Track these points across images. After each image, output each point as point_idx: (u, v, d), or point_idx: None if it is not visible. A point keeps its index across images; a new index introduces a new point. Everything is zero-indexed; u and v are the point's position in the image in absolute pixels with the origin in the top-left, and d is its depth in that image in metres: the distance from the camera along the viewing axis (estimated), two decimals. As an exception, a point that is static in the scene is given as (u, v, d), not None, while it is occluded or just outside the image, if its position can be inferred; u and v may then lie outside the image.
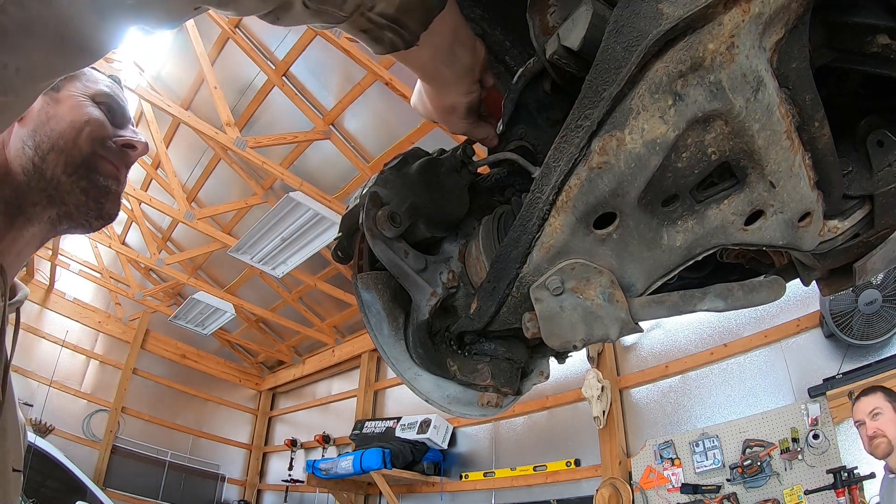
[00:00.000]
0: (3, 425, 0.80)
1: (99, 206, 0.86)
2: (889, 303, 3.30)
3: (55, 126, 0.83)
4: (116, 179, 0.89)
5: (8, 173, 0.81)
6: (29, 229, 0.85)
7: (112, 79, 0.97)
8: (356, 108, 5.36)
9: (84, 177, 0.84)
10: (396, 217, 0.68)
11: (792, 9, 0.52)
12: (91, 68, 0.94)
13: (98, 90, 0.90)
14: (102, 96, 0.90)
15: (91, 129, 0.85)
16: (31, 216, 0.84)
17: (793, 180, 0.59)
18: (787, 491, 3.42)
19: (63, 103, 0.86)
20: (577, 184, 0.55)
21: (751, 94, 0.51)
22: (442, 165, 0.76)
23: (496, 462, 5.56)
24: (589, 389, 4.64)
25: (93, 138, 0.85)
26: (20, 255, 0.86)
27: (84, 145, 0.84)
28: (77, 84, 0.89)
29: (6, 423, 0.81)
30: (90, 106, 0.87)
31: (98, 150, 0.86)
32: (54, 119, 0.84)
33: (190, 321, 7.66)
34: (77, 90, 0.88)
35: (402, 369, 0.69)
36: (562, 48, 0.64)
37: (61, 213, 0.85)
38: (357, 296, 0.71)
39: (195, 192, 7.11)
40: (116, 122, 0.91)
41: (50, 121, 0.83)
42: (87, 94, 0.88)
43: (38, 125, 0.83)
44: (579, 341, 0.61)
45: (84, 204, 0.84)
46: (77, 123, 0.84)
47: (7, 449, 0.82)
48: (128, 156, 0.91)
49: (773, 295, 0.63)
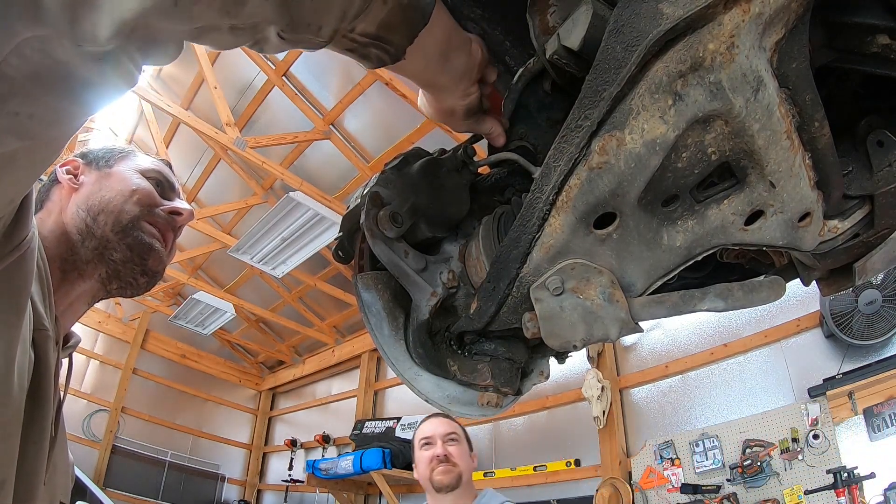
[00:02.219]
0: (54, 461, 0.83)
1: (143, 261, 0.93)
2: (889, 303, 3.30)
3: (106, 194, 0.94)
4: (161, 240, 0.97)
5: (64, 233, 0.90)
6: (81, 285, 0.93)
7: (163, 162, 1.07)
8: (356, 108, 5.35)
9: (129, 234, 0.92)
10: (398, 217, 0.68)
11: (792, 9, 0.52)
12: (142, 153, 1.06)
13: (148, 167, 1.01)
14: (151, 171, 1.00)
15: (139, 196, 0.95)
16: (83, 272, 0.92)
17: (793, 180, 0.59)
18: (787, 491, 3.42)
19: (114, 177, 0.97)
20: (577, 184, 0.55)
21: (751, 94, 0.52)
22: (443, 165, 0.76)
23: (496, 462, 5.56)
24: (589, 389, 4.64)
25: (141, 205, 0.94)
26: (73, 307, 0.93)
27: (132, 209, 0.94)
28: (129, 162, 1.00)
29: (57, 459, 0.85)
30: (139, 178, 0.98)
31: (145, 215, 0.95)
32: (106, 188, 0.94)
33: (190, 321, 7.66)
34: (128, 166, 0.99)
35: (402, 369, 0.69)
36: (562, 48, 0.64)
37: (110, 270, 0.92)
38: (357, 296, 0.71)
39: (195, 192, 7.11)
40: (165, 195, 1.01)
41: (102, 190, 0.94)
42: (137, 170, 0.99)
43: (91, 193, 0.94)
44: (579, 341, 0.61)
45: (129, 259, 0.92)
46: (126, 192, 0.95)
47: (56, 484, 0.86)
48: (174, 221, 0.99)
49: (773, 295, 0.63)
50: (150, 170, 1.01)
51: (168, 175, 1.04)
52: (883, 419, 3.19)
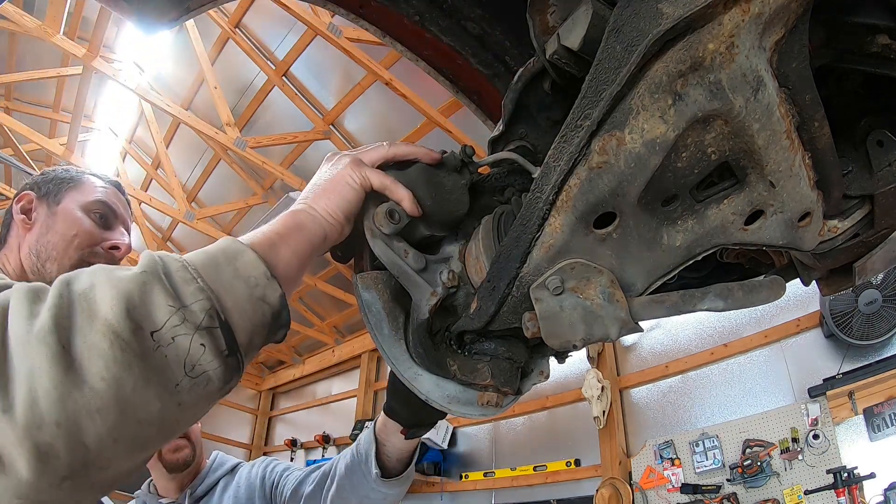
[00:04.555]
0: None
1: None
2: (889, 303, 3.30)
3: (51, 238, 1.02)
4: None
5: (24, 274, 1.00)
6: None
7: (111, 183, 1.15)
8: (356, 108, 5.35)
9: None
10: (395, 214, 0.68)
11: (792, 9, 0.52)
12: (91, 174, 1.14)
13: (92, 200, 1.09)
14: (95, 204, 1.09)
15: (79, 240, 1.04)
16: None
17: (793, 180, 0.59)
18: (787, 491, 3.42)
19: (59, 216, 1.05)
20: (577, 183, 0.55)
21: (751, 93, 0.52)
22: (442, 165, 0.76)
23: (496, 462, 5.56)
24: (589, 389, 4.64)
25: (81, 248, 1.04)
26: None
27: (73, 254, 1.02)
28: (75, 195, 1.08)
29: None
30: (82, 218, 1.06)
31: (86, 257, 1.04)
32: (51, 231, 1.03)
33: (190, 321, 7.65)
34: (74, 202, 1.07)
35: (402, 369, 0.69)
36: (562, 48, 0.64)
37: None
38: (357, 295, 0.71)
39: (195, 192, 7.11)
40: (107, 224, 1.09)
41: (48, 232, 1.03)
42: (81, 206, 1.07)
43: (39, 235, 1.02)
44: (579, 341, 0.61)
45: None
46: (68, 236, 1.03)
47: None
48: (113, 256, 1.09)
49: (773, 295, 0.63)
50: (95, 202, 1.09)
51: (112, 204, 1.12)
52: (883, 419, 3.19)
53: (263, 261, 0.55)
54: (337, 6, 0.99)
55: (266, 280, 0.54)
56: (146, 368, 0.44)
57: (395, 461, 1.13)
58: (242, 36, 5.41)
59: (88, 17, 5.13)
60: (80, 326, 0.44)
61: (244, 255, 0.54)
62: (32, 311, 0.44)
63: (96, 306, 0.45)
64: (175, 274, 0.49)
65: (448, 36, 1.03)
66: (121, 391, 0.43)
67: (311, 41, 4.95)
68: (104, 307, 0.44)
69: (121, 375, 0.43)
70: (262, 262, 0.55)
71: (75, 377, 0.42)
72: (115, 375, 0.43)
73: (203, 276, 0.50)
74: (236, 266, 0.53)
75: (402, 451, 1.11)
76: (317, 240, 0.64)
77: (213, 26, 5.30)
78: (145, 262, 0.49)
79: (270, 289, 0.55)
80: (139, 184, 7.23)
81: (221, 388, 0.50)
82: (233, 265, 0.53)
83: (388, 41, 1.06)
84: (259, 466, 1.61)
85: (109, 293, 0.45)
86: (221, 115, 4.97)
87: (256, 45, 5.49)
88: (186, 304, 0.48)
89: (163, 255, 0.51)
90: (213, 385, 0.49)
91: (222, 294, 0.51)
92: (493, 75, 1.07)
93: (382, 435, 1.11)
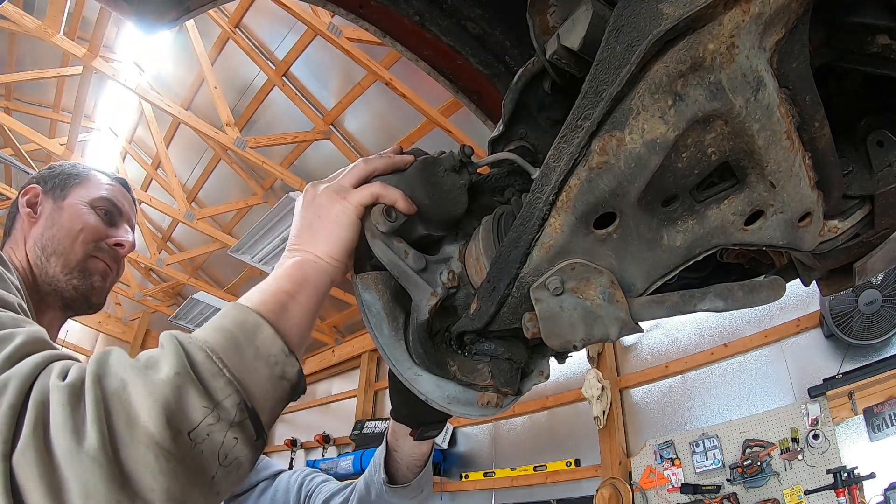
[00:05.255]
0: None
1: (87, 299, 1.05)
2: (889, 303, 3.30)
3: (56, 232, 1.03)
4: (105, 276, 1.07)
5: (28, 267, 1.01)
6: (47, 314, 1.04)
7: (117, 180, 1.15)
8: (356, 108, 5.35)
9: (76, 276, 1.03)
10: (392, 212, 0.68)
11: (792, 9, 0.52)
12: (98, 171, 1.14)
13: (97, 196, 1.09)
14: (100, 201, 1.09)
15: (85, 235, 1.04)
16: (46, 304, 1.03)
17: (793, 180, 0.59)
18: (787, 491, 3.42)
19: (65, 211, 1.05)
20: (577, 184, 0.55)
21: (751, 94, 0.51)
22: (440, 165, 0.76)
23: (496, 462, 5.56)
24: (589, 389, 4.64)
25: (86, 243, 1.04)
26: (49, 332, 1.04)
27: (79, 249, 1.03)
28: (81, 191, 1.08)
29: None
30: (87, 213, 1.06)
31: (91, 251, 1.05)
32: (56, 225, 1.04)
33: (190, 321, 7.66)
34: (79, 197, 1.07)
35: (402, 369, 0.69)
36: (562, 48, 0.64)
37: (63, 303, 1.03)
38: (357, 296, 0.71)
39: (195, 192, 7.11)
40: (112, 221, 1.10)
41: (54, 226, 1.03)
42: (87, 201, 1.07)
43: (45, 229, 1.03)
44: (579, 341, 0.61)
45: (76, 298, 1.03)
46: (74, 231, 1.04)
47: None
48: (117, 253, 1.10)
49: (773, 295, 0.63)
50: (100, 199, 1.09)
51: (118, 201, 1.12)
52: (883, 419, 3.19)
53: (280, 335, 0.57)
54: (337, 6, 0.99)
55: (284, 357, 0.56)
56: (188, 471, 0.47)
57: (405, 468, 1.11)
58: (242, 36, 5.41)
59: (88, 17, 5.13)
60: (123, 437, 0.45)
61: (262, 331, 0.56)
62: (76, 423, 0.44)
63: (134, 412, 0.46)
64: (203, 368, 0.50)
65: (448, 36, 1.03)
66: (170, 498, 0.45)
67: (311, 41, 4.94)
68: (143, 415, 0.46)
69: (168, 484, 0.45)
70: (279, 338, 0.56)
71: (128, 492, 0.44)
72: (164, 485, 0.45)
73: (228, 364, 0.52)
74: (256, 346, 0.55)
75: (413, 458, 1.10)
76: (324, 288, 0.66)
77: (213, 26, 5.30)
78: (173, 360, 0.50)
79: (289, 365, 0.57)
80: (139, 184, 7.23)
81: (250, 468, 0.54)
82: (253, 345, 0.55)
83: (388, 41, 1.06)
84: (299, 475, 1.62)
85: (146, 401, 0.46)
86: (221, 115, 4.97)
87: (256, 45, 5.49)
88: (219, 401, 0.50)
89: (186, 345, 0.52)
90: (243, 468, 0.52)
91: (248, 382, 0.53)
92: (493, 75, 1.07)
93: (393, 441, 1.10)
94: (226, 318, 0.56)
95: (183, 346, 0.51)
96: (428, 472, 1.13)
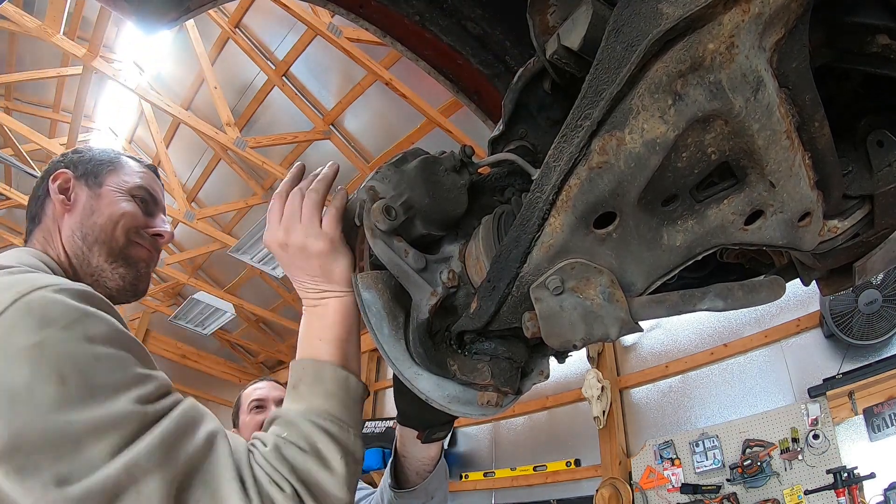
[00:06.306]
0: None
1: (134, 287, 1.04)
2: (889, 303, 3.30)
3: (97, 220, 1.01)
4: (148, 262, 1.07)
5: (66, 256, 0.99)
6: None
7: (149, 168, 1.14)
8: (356, 108, 5.35)
9: (122, 264, 1.01)
10: (391, 210, 0.68)
11: (792, 9, 0.52)
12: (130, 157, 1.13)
13: (133, 184, 1.08)
14: (137, 189, 1.07)
15: (125, 221, 1.03)
16: None
17: (793, 180, 0.59)
18: (787, 491, 3.42)
19: (103, 198, 1.04)
20: (577, 183, 0.55)
21: (750, 93, 0.52)
22: (441, 164, 0.76)
23: (496, 462, 5.56)
24: (589, 389, 4.64)
25: (127, 229, 1.03)
26: None
27: (120, 237, 1.01)
28: (116, 177, 1.07)
29: None
30: (125, 200, 1.05)
31: (133, 237, 1.03)
32: (96, 213, 1.01)
33: (190, 321, 7.66)
34: (116, 185, 1.06)
35: (402, 368, 0.69)
36: (562, 48, 0.64)
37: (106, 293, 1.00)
38: (357, 295, 0.71)
39: (195, 192, 7.10)
40: (149, 211, 1.09)
41: (93, 214, 1.01)
42: (124, 189, 1.06)
43: (83, 217, 1.01)
44: (579, 341, 0.61)
45: (122, 287, 1.02)
46: (115, 216, 1.02)
47: None
48: (157, 242, 1.09)
49: (773, 295, 0.63)
50: (137, 187, 1.07)
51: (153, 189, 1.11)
52: (883, 419, 3.19)
53: (355, 374, 0.75)
54: (337, 6, 0.99)
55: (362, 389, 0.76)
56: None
57: (415, 474, 1.11)
58: (242, 36, 5.41)
59: (88, 17, 5.13)
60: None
61: (350, 379, 0.74)
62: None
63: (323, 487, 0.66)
64: (352, 447, 0.70)
65: (448, 36, 1.03)
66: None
67: (311, 41, 4.95)
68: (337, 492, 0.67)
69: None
70: (360, 384, 0.76)
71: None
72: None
73: (352, 425, 0.71)
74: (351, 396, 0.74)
75: (422, 462, 1.10)
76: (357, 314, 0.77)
77: (213, 26, 5.30)
78: (340, 452, 0.68)
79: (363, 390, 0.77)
80: (139, 184, 7.21)
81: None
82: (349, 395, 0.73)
83: (389, 41, 1.06)
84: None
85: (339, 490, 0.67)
86: (221, 115, 4.97)
87: (256, 45, 5.49)
88: (355, 452, 0.71)
89: (342, 441, 0.69)
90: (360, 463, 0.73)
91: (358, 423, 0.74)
92: (493, 75, 1.07)
93: (402, 448, 1.10)
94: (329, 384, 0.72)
95: (340, 443, 0.69)
96: (438, 476, 1.13)
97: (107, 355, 0.61)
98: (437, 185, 0.73)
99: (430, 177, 0.73)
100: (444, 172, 0.75)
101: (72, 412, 0.55)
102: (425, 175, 0.73)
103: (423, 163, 0.74)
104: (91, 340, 0.61)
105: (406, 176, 0.72)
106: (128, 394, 0.59)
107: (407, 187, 0.71)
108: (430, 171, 0.74)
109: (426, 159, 0.75)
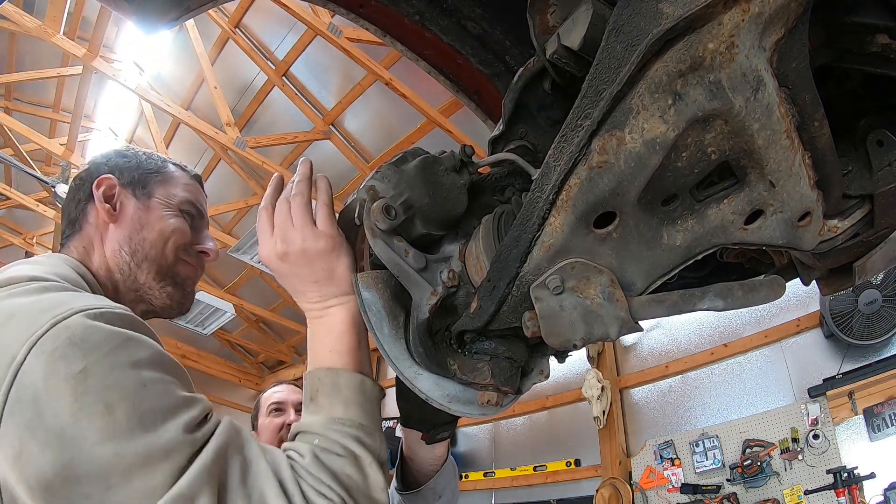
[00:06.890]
0: None
1: (180, 305, 1.01)
2: (889, 303, 3.30)
3: (147, 235, 0.97)
4: (194, 280, 1.05)
5: (109, 270, 0.94)
6: None
7: (195, 178, 1.09)
8: (356, 108, 5.36)
9: (170, 283, 0.98)
10: (391, 210, 0.68)
11: (791, 8, 0.52)
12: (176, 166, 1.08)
13: (182, 198, 1.03)
14: (186, 204, 1.03)
15: (175, 238, 0.99)
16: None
17: (793, 180, 0.59)
18: (787, 491, 3.42)
19: (153, 211, 0.99)
20: (578, 183, 0.55)
21: (750, 93, 0.52)
22: (441, 164, 0.76)
23: (496, 462, 5.56)
24: (589, 389, 4.64)
25: (177, 246, 0.99)
26: None
27: (170, 254, 0.98)
28: (164, 189, 1.02)
29: None
30: (174, 216, 1.01)
31: (181, 255, 1.00)
32: (146, 227, 0.97)
33: (190, 321, 7.65)
34: (165, 197, 1.02)
35: (402, 368, 0.69)
36: (562, 48, 0.64)
37: (149, 309, 0.99)
38: (357, 295, 0.71)
39: (195, 192, 7.10)
40: (195, 225, 1.05)
41: (143, 228, 0.97)
42: (174, 203, 1.02)
43: (132, 231, 0.97)
44: (579, 340, 0.61)
45: (168, 306, 0.99)
46: (165, 233, 0.98)
47: None
48: (202, 261, 1.06)
49: (772, 294, 0.63)
50: (186, 201, 1.03)
51: (200, 203, 1.07)
52: (883, 419, 3.19)
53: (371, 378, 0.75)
54: (337, 6, 0.99)
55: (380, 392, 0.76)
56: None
57: (422, 476, 1.11)
58: (242, 36, 5.41)
59: (88, 17, 5.13)
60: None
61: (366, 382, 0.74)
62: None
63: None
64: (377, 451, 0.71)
65: (448, 35, 1.03)
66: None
67: (311, 41, 4.95)
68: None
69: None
70: (375, 385, 0.76)
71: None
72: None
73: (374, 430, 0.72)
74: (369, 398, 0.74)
75: (428, 463, 1.09)
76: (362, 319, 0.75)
77: (213, 26, 5.30)
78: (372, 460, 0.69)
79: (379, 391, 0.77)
80: (139, 184, 7.22)
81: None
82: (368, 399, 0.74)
83: (389, 41, 1.06)
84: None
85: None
86: (221, 115, 4.97)
87: (256, 45, 5.49)
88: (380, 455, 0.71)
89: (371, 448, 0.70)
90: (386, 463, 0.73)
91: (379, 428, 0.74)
92: (493, 75, 1.07)
93: (408, 450, 1.10)
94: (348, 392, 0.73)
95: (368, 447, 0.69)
96: (445, 475, 1.11)
97: (152, 380, 0.59)
98: (436, 184, 0.73)
99: (430, 176, 0.73)
100: (444, 172, 0.75)
101: (121, 443, 0.54)
102: (425, 175, 0.73)
103: (423, 162, 0.74)
104: (135, 366, 0.59)
105: (406, 175, 0.72)
106: (175, 420, 0.58)
107: (407, 187, 0.71)
108: (430, 171, 0.74)
109: (426, 159, 0.75)
